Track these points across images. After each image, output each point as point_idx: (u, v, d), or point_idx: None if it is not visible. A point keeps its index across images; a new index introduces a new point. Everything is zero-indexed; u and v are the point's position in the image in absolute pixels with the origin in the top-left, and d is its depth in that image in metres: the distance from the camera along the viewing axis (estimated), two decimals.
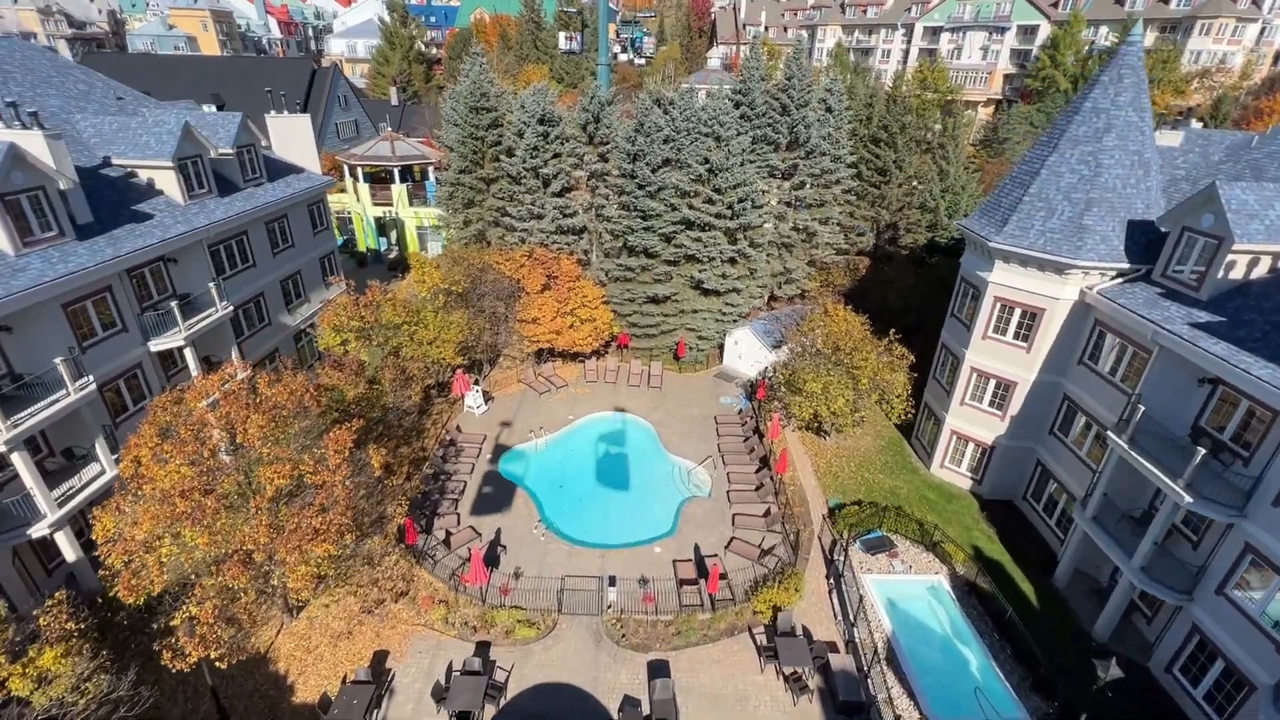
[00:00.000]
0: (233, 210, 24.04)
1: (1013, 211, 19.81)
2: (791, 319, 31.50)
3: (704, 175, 29.02)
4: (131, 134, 22.07)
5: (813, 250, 33.52)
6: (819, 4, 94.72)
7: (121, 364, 19.76)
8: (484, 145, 30.10)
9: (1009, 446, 21.89)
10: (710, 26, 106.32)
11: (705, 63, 74.97)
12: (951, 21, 78.27)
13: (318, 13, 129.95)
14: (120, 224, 20.09)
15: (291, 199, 27.52)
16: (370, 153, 42.25)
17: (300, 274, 29.13)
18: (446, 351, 25.89)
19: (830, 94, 32.20)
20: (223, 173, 25.16)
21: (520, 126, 29.23)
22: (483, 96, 29.60)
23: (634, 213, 29.51)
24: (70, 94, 23.31)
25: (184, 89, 49.40)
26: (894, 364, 23.91)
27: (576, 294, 29.11)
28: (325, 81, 52.20)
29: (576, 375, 31.17)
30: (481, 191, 30.85)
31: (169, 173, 22.06)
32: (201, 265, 22.95)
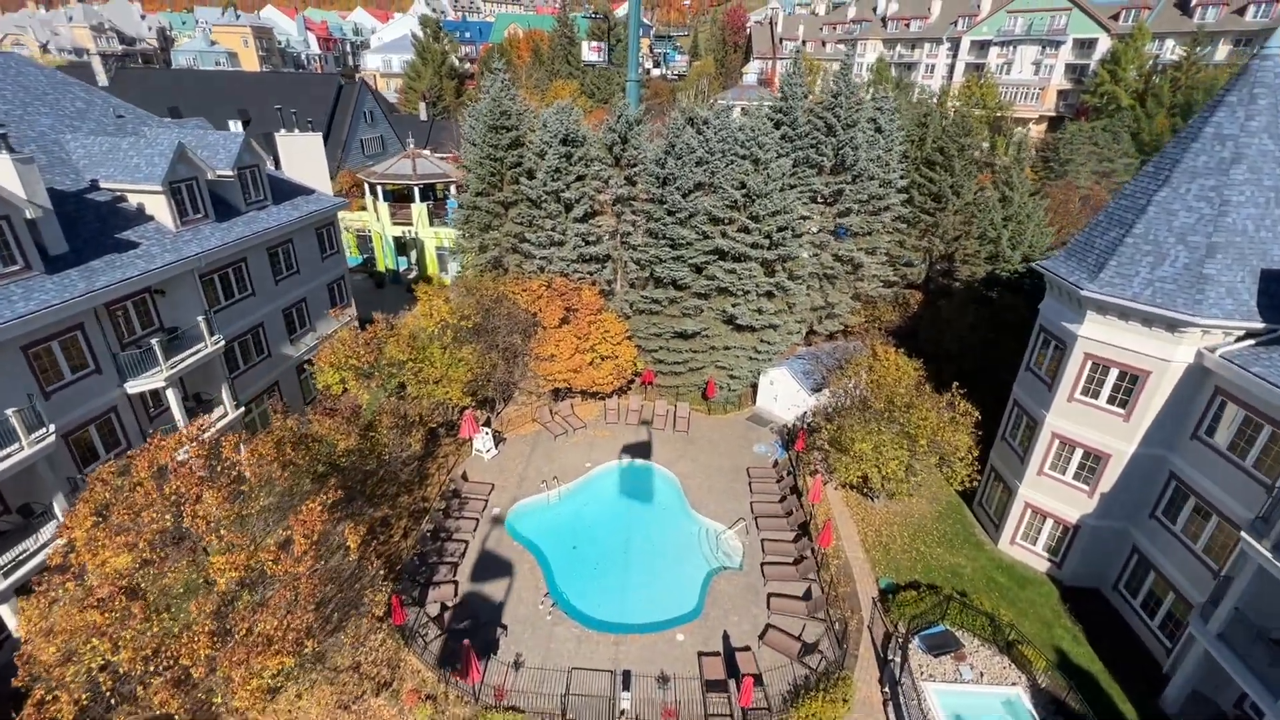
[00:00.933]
0: (230, 237, 22.31)
1: (1110, 255, 16.70)
2: (834, 358, 28.54)
3: (740, 201, 26.43)
4: (122, 155, 20.49)
5: (858, 283, 30.56)
6: (859, 18, 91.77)
7: (92, 409, 17.93)
8: (503, 167, 28.03)
9: (1098, 527, 18.57)
10: (746, 41, 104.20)
11: (741, 78, 72.66)
12: (1001, 35, 74.56)
13: (356, 29, 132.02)
14: (100, 254, 18.38)
15: (298, 223, 25.79)
16: (391, 170, 40.78)
17: (305, 301, 27.35)
18: (453, 392, 23.67)
19: (881, 113, 29.37)
20: (223, 195, 23.53)
21: (542, 147, 27.10)
22: (503, 115, 27.57)
23: (662, 241, 27.04)
24: (64, 112, 21.94)
25: (212, 104, 48.98)
26: (957, 422, 20.81)
27: (597, 329, 26.68)
28: (351, 97, 51.31)
29: (596, 415, 28.67)
30: (499, 216, 28.77)
31: (159, 197, 20.39)
32: (193, 296, 21.19)
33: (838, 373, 26.76)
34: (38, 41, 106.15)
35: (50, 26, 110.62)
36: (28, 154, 16.74)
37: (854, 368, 25.36)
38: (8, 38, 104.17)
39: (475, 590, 19.30)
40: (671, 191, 26.39)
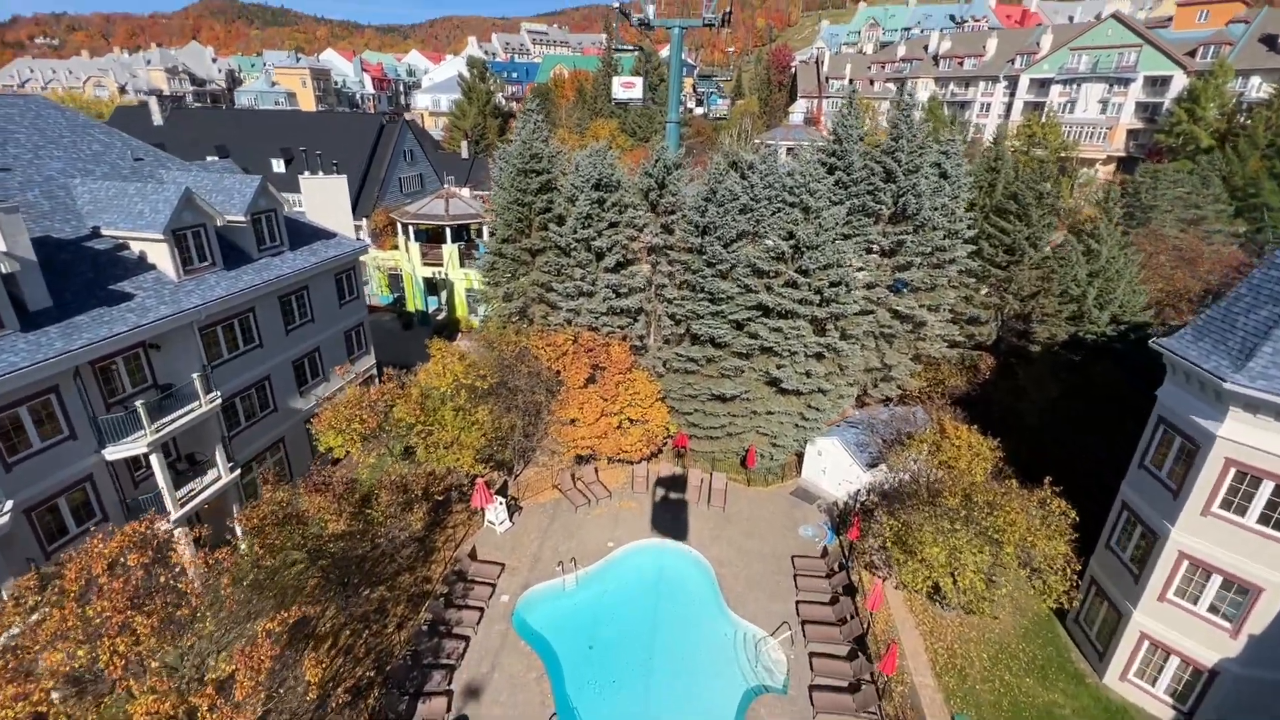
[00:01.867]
0: (236, 287, 20.87)
1: (1263, 338, 13.39)
2: (891, 429, 25.28)
3: (787, 253, 23.84)
4: (127, 201, 19.34)
5: (919, 342, 27.37)
6: (909, 56, 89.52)
7: (63, 479, 16.25)
8: (531, 212, 26.23)
9: (1244, 677, 14.75)
10: (790, 80, 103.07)
11: (786, 117, 70.84)
12: (1064, 73, 70.99)
13: (410, 70, 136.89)
14: (87, 308, 16.95)
15: (314, 269, 24.39)
16: (424, 210, 39.82)
17: (319, 351, 25.80)
18: (465, 459, 21.40)
19: (947, 157, 26.57)
20: (235, 242, 22.27)
21: (573, 192, 25.23)
22: (533, 158, 25.88)
23: (700, 294, 24.60)
24: (78, 155, 21.10)
25: (258, 143, 49.61)
26: (1051, 524, 17.34)
27: (626, 389, 24.21)
28: (392, 136, 51.35)
29: (622, 482, 25.99)
30: (526, 264, 26.87)
31: (161, 245, 19.07)
32: (191, 350, 19.66)
33: (896, 447, 23.54)
34: (117, 83, 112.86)
35: (130, 69, 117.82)
36: (11, 203, 15.48)
37: (917, 443, 22.13)
38: (91, 79, 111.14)
39: (471, 707, 16.58)
40: (712, 241, 24.04)
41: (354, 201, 47.81)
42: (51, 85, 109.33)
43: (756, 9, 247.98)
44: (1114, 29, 67.70)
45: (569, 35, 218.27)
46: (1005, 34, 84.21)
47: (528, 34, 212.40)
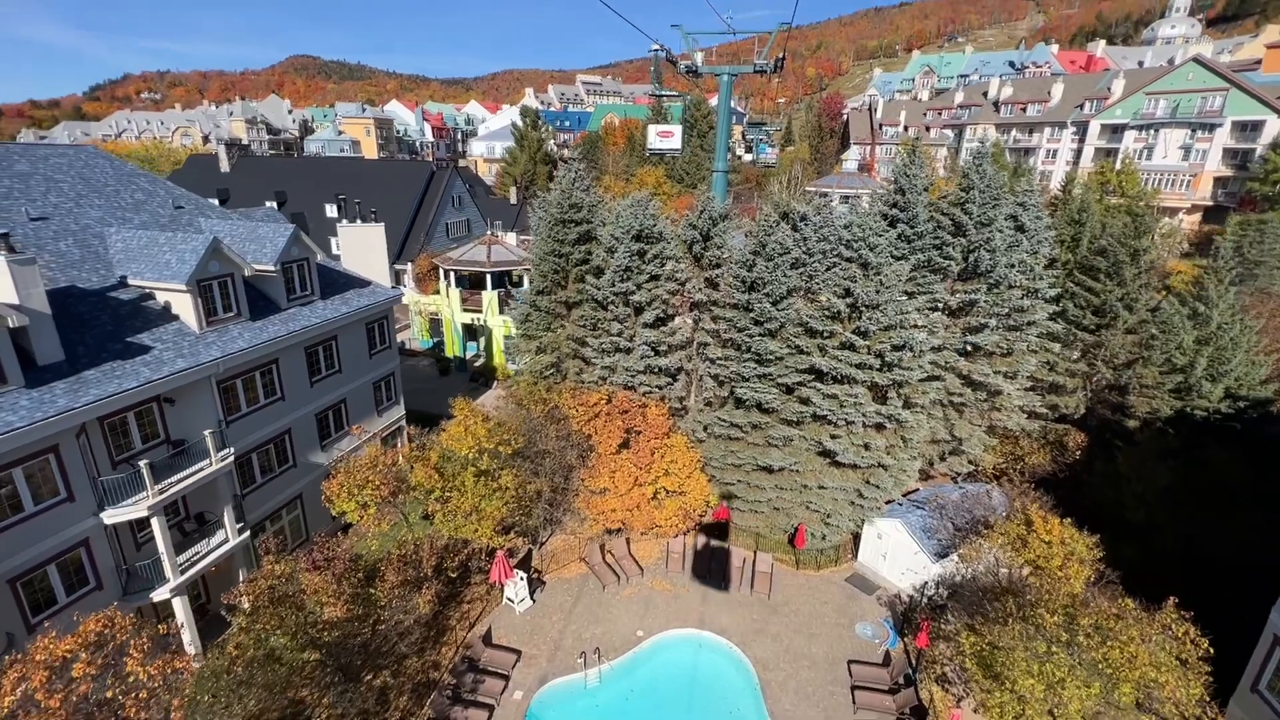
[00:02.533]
0: (260, 338, 20.10)
1: None
2: (963, 512, 22.22)
3: (844, 312, 21.66)
4: (156, 251, 18.93)
5: (994, 412, 24.40)
6: (967, 103, 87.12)
7: (55, 545, 15.22)
8: (568, 263, 24.99)
9: None
10: (842, 127, 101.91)
11: (840, 164, 69.19)
12: (1139, 118, 67.16)
13: (468, 119, 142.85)
14: (101, 362, 16.25)
15: (343, 319, 23.62)
16: (466, 256, 39.49)
17: (345, 403, 24.83)
18: (484, 530, 19.61)
19: (1024, 209, 24.10)
20: (265, 291, 21.69)
21: (612, 243, 23.88)
22: (572, 208, 24.79)
23: (747, 355, 22.55)
24: (119, 204, 21.07)
25: (314, 189, 51.08)
26: (1177, 654, 14.08)
27: (663, 457, 22.14)
28: (441, 182, 52.10)
29: (656, 558, 23.64)
30: (561, 317, 25.50)
31: (185, 296, 18.47)
32: (207, 404, 18.80)
33: (970, 535, 20.51)
34: (202, 133, 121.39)
35: (214, 120, 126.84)
36: (31, 254, 14.98)
37: (996, 535, 19.10)
38: (179, 129, 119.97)
39: None
40: (760, 298, 22.09)
41: (400, 246, 48.31)
42: (144, 135, 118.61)
43: (807, 59, 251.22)
44: (1195, 72, 63.84)
45: (622, 86, 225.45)
46: (1071, 79, 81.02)
47: (582, 85, 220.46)
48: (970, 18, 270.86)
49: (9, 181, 18.92)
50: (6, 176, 19.06)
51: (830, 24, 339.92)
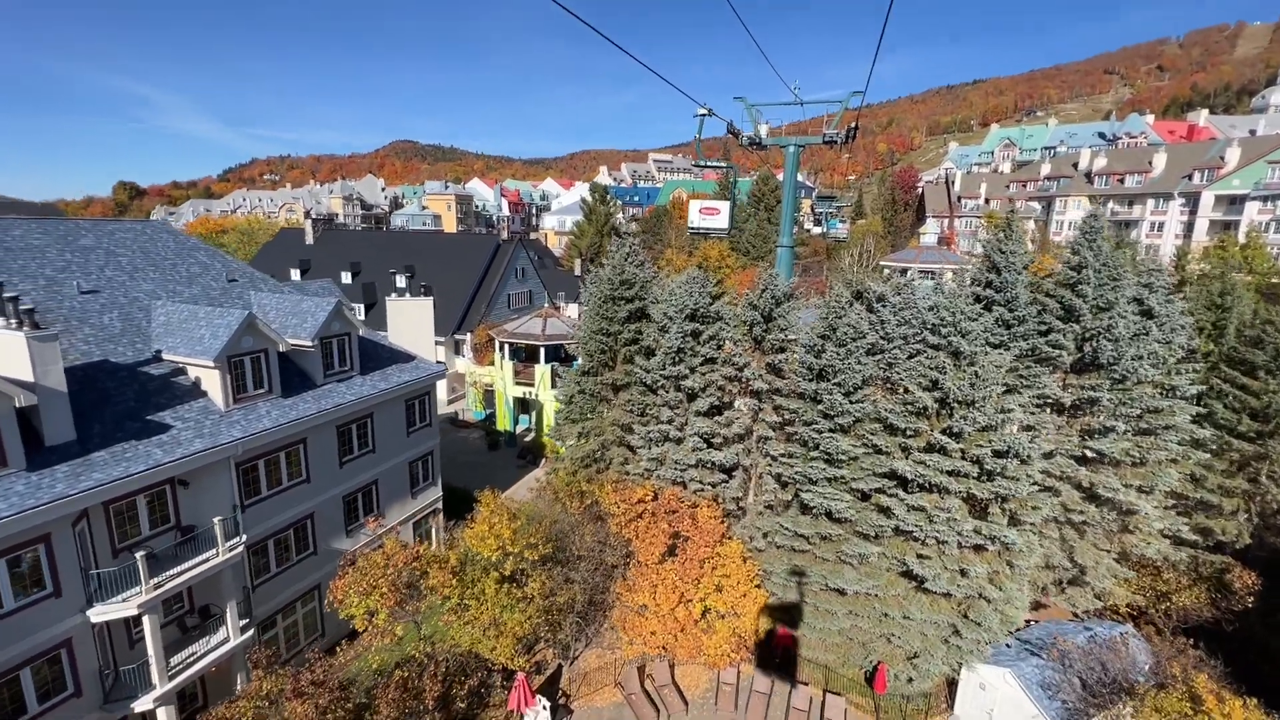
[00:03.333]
0: (288, 417, 19.07)
1: None
2: (1094, 664, 17.63)
3: (931, 408, 18.45)
4: (193, 325, 18.50)
5: (1125, 535, 19.93)
6: (1055, 174, 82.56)
7: (32, 646, 13.84)
8: (617, 343, 23.17)
9: None
10: (917, 200, 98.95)
11: (917, 238, 66.01)
12: (1261, 188, 60.75)
13: (543, 194, 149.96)
14: (113, 442, 15.38)
15: (380, 396, 22.53)
16: (521, 329, 38.74)
17: (376, 485, 23.38)
18: (503, 648, 17.03)
19: (1150, 291, 20.44)
20: (301, 366, 20.94)
21: (664, 321, 21.94)
22: (623, 284, 23.21)
23: (814, 453, 19.56)
24: (174, 277, 21.19)
25: (386, 260, 52.93)
26: None
27: (715, 570, 19.06)
28: (506, 254, 52.85)
29: (704, 689, 20.08)
30: (607, 400, 23.48)
31: (214, 372, 17.74)
32: (224, 488, 17.64)
33: (1108, 700, 16.02)
34: (304, 208, 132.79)
35: (316, 197, 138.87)
36: (52, 331, 14.50)
37: (1148, 711, 14.63)
38: (284, 205, 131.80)
39: None
40: (830, 388, 19.29)
41: (462, 316, 48.63)
42: (255, 211, 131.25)
43: (877, 135, 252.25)
44: None
45: (692, 163, 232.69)
46: (1175, 149, 75.45)
47: (654, 163, 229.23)
48: (1048, 92, 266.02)
49: (70, 255, 19.27)
50: (70, 250, 19.46)
51: (901, 102, 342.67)
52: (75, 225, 20.50)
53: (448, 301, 49.03)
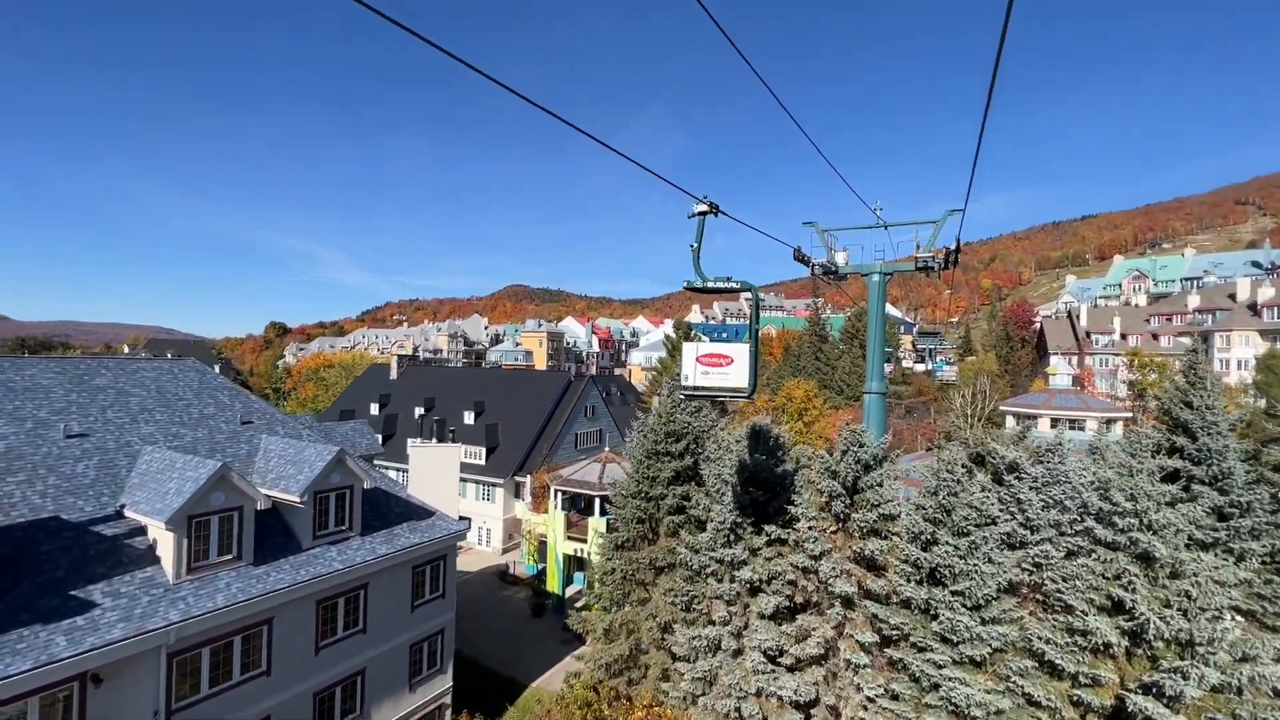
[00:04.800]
0: (251, 592, 15.74)
1: None
2: None
3: (1116, 645, 11.99)
4: (166, 476, 16.25)
5: None
6: (1207, 306, 71.94)
7: None
8: (660, 510, 18.57)
9: None
10: (1035, 335, 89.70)
11: (1040, 379, 57.68)
12: None
13: (633, 331, 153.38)
14: (13, 626, 12.51)
15: (381, 562, 18.95)
16: (576, 475, 34.97)
17: (363, 676, 19.05)
18: None
19: None
20: (290, 523, 18.00)
21: (718, 485, 17.29)
22: (670, 436, 19.09)
23: (931, 695, 13.23)
24: (182, 419, 19.69)
25: (459, 396, 52.51)
26: None
27: None
28: (576, 391, 50.81)
29: None
30: (645, 584, 18.45)
31: (168, 535, 15.02)
32: (148, 685, 14.09)
33: None
34: (414, 344, 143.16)
35: (425, 334, 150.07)
36: None
37: None
38: (396, 343, 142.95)
39: None
40: (947, 598, 13.39)
41: (524, 456, 45.88)
42: (371, 347, 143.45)
43: (980, 271, 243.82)
44: None
45: (784, 300, 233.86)
46: None
47: (745, 301, 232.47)
48: (1172, 224, 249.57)
49: (75, 395, 18.28)
50: (78, 390, 18.53)
51: (1004, 239, 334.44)
52: (97, 364, 19.90)
53: (512, 440, 46.81)
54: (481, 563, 43.30)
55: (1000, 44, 5.60)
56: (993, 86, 6.59)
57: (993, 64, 5.87)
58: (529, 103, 4.78)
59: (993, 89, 6.81)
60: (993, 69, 6.02)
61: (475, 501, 46.64)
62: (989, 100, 7.46)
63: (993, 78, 6.25)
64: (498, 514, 45.52)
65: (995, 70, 6.21)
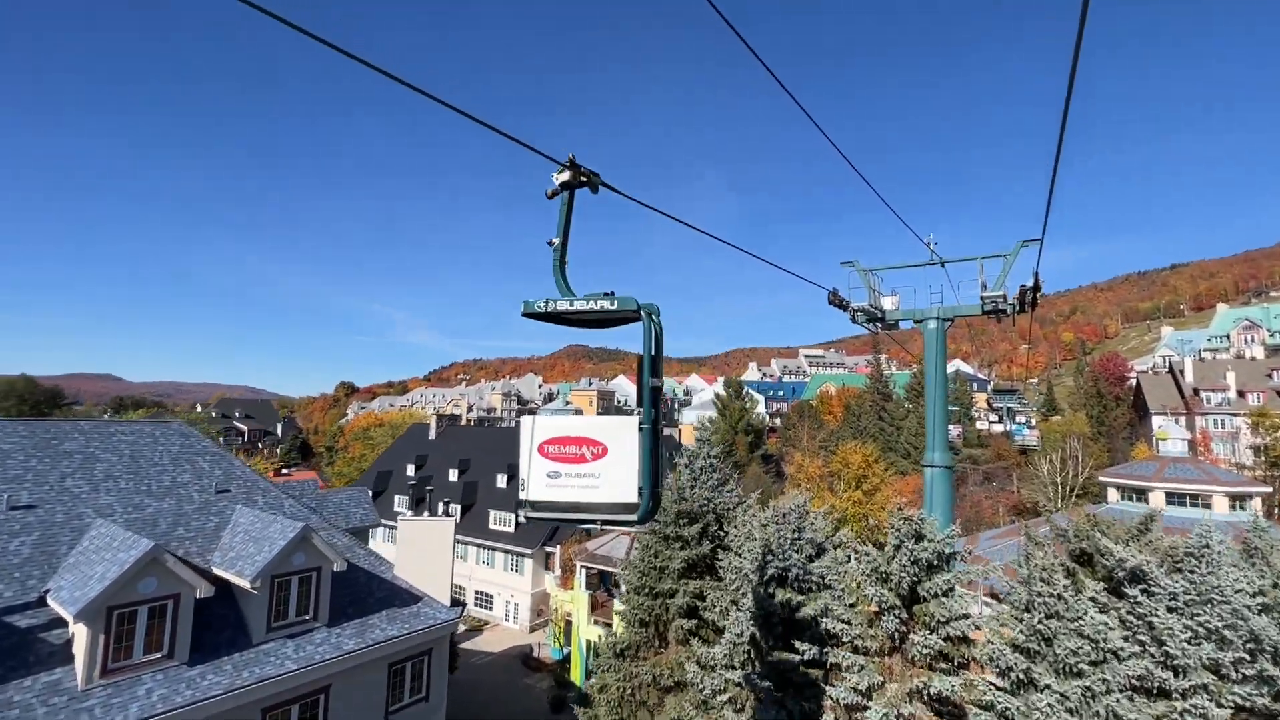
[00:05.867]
0: (176, 701, 13.29)
1: None
2: None
3: None
4: (98, 557, 14.33)
5: None
6: None
7: None
8: (669, 612, 15.12)
9: None
10: (1131, 393, 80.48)
11: (1142, 444, 50.40)
12: None
13: (686, 390, 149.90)
14: None
15: (347, 659, 16.23)
16: (602, 550, 31.63)
17: None
18: None
19: None
20: (244, 612, 15.66)
21: (738, 583, 13.81)
22: (684, 518, 15.81)
23: None
24: (148, 488, 18.02)
25: (497, 456, 50.58)
26: None
27: None
28: None
29: None
30: (647, 707, 14.80)
31: (83, 629, 12.91)
32: None
33: None
34: (469, 403, 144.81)
35: (480, 393, 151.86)
36: None
37: None
38: (452, 402, 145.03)
39: None
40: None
41: (554, 527, 42.84)
42: (429, 405, 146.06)
43: (1060, 324, 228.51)
44: None
45: (845, 358, 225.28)
46: None
47: (805, 358, 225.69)
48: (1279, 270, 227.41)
49: (35, 462, 16.97)
50: (40, 456, 17.26)
51: (1084, 290, 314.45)
52: (72, 428, 18.74)
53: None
54: (507, 641, 39.84)
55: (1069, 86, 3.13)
56: (1067, 106, 3.82)
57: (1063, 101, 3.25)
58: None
59: (1067, 109, 4.07)
60: (1065, 95, 3.38)
61: (503, 573, 43.63)
62: (1067, 101, 4.67)
63: (1065, 103, 3.50)
64: (526, 587, 42.27)
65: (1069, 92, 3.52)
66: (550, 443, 5.49)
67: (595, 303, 5.05)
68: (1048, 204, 9.50)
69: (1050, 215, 10.28)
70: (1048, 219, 10.78)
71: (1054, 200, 8.75)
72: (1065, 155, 6.31)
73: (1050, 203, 9.96)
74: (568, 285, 5.35)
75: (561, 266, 5.34)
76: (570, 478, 5.35)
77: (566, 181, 5.09)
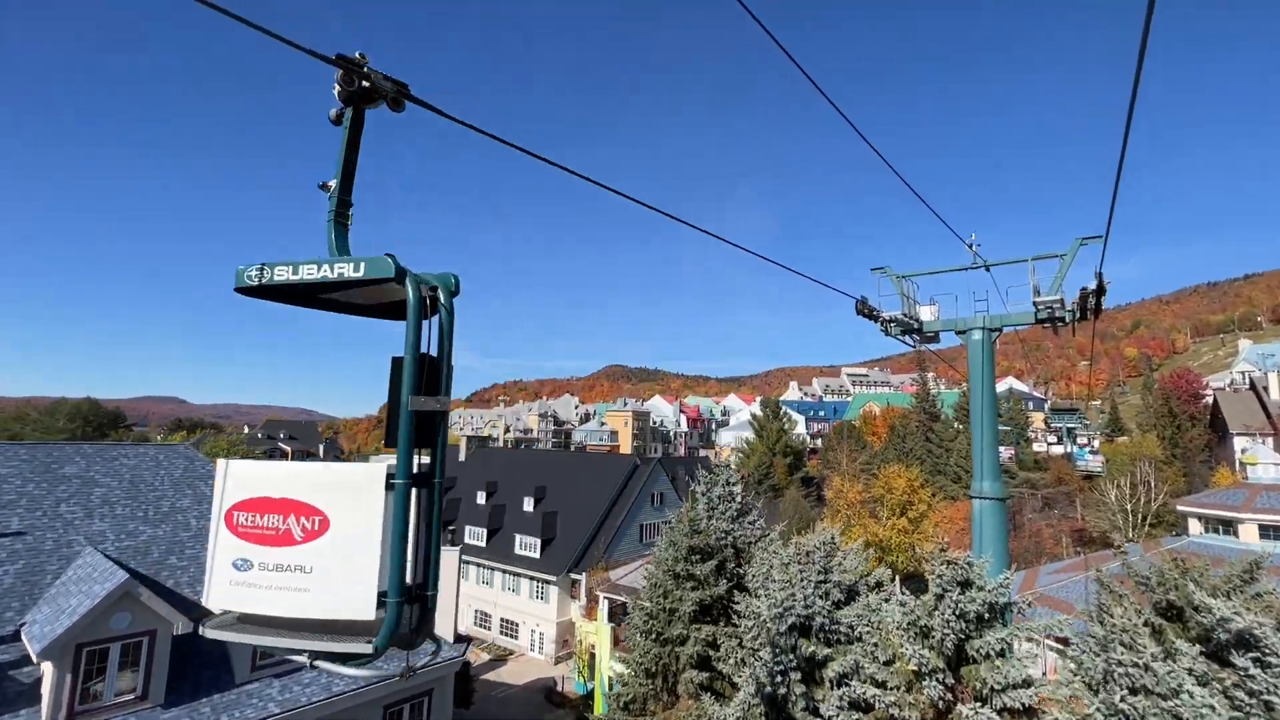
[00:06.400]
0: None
1: None
2: None
3: None
4: (76, 589, 13.67)
5: None
6: None
7: None
8: (678, 661, 13.45)
9: None
10: (1207, 412, 74.25)
11: (1225, 469, 45.81)
12: None
13: (724, 410, 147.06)
14: None
15: (336, 702, 15.14)
16: (626, 580, 30.00)
17: None
18: None
19: None
20: (228, 648, 14.75)
21: (756, 631, 12.09)
22: (695, 553, 14.21)
23: None
24: (146, 513, 17.48)
25: (522, 479, 49.66)
26: None
27: None
28: (642, 477, 46.19)
29: None
30: None
31: (49, 667, 12.16)
32: None
33: None
34: (505, 424, 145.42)
35: (517, 414, 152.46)
36: None
37: None
38: (489, 422, 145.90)
39: None
40: None
41: (582, 550, 41.41)
42: (466, 426, 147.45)
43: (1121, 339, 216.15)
44: None
45: (889, 376, 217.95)
46: None
47: (848, 377, 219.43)
48: None
49: (32, 487, 16.64)
50: (38, 480, 16.94)
51: (1148, 304, 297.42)
52: (74, 450, 18.48)
53: (570, 531, 42.68)
54: (532, 673, 38.29)
55: None
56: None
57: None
58: (633, 201, 5.19)
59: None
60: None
61: (529, 600, 42.27)
62: (1136, 79, 3.20)
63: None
64: (551, 616, 40.74)
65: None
66: (243, 507, 3.21)
67: (331, 269, 3.14)
68: (1114, 195, 7.74)
69: (1114, 212, 8.48)
70: (1113, 212, 8.94)
71: (1117, 197, 7.07)
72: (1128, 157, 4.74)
73: (1116, 193, 8.18)
74: (346, 247, 3.52)
75: (338, 219, 3.50)
76: (265, 571, 3.08)
77: (355, 94, 3.23)
